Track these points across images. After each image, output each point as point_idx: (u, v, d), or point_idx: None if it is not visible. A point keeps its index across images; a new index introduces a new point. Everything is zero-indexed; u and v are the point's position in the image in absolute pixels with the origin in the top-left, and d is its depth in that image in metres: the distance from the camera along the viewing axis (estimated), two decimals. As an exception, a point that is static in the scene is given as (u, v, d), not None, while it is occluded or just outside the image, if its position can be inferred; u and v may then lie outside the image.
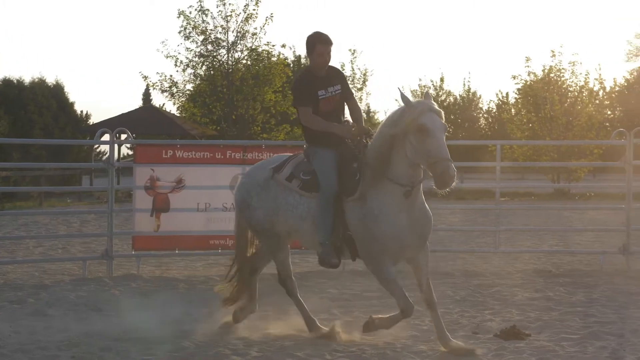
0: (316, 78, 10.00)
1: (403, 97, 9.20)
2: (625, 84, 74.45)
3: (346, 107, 10.24)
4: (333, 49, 10.00)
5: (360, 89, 62.86)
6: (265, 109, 44.65)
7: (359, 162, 9.61)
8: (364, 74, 62.45)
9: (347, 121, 10.02)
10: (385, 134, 9.33)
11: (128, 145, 39.72)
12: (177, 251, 16.13)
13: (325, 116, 9.92)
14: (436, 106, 9.11)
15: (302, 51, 77.10)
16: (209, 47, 44.31)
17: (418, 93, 69.04)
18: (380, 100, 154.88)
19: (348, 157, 9.74)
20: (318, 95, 9.94)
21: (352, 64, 61.44)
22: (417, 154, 9.01)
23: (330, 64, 10.10)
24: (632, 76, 75.51)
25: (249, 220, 10.55)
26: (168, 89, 45.50)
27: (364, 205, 9.43)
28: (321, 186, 9.69)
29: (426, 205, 9.59)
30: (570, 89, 46.11)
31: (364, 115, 9.86)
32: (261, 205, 10.30)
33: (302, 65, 69.15)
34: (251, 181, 10.50)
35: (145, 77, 46.20)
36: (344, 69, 61.78)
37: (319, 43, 9.98)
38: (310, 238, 10.03)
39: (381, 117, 73.29)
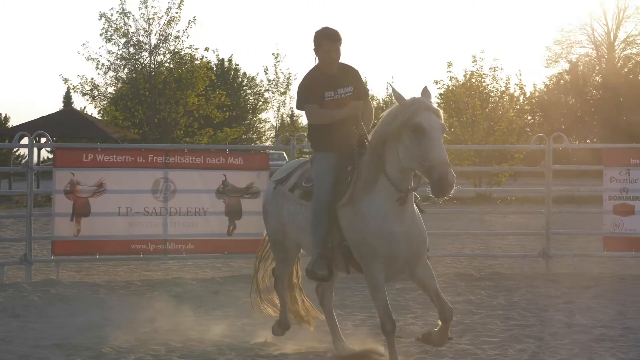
0: (325, 77, 9.09)
1: (396, 94, 8.34)
2: (545, 90, 75.68)
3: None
4: (342, 46, 9.11)
5: (284, 93, 62.98)
6: (188, 112, 44.46)
7: (353, 165, 8.78)
8: (288, 78, 62.59)
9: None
10: (378, 135, 8.50)
11: (48, 149, 39.24)
12: (97, 256, 15.92)
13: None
14: (434, 104, 8.29)
15: (225, 54, 77.13)
16: (131, 50, 44.04)
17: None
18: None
19: (345, 161, 8.95)
20: (325, 96, 9.03)
21: (276, 67, 61.50)
22: (412, 158, 8.14)
23: (341, 61, 9.18)
24: (552, 82, 76.81)
25: (266, 228, 10.19)
26: (89, 92, 45.10)
27: (353, 207, 8.62)
28: (314, 192, 9.01)
29: (419, 218, 8.78)
30: (492, 94, 46.67)
31: (288, 119, 9.65)
32: (274, 214, 9.82)
33: (225, 69, 69.10)
34: (269, 186, 10.15)
35: (66, 80, 45.78)
36: (267, 73, 61.85)
37: (325, 39, 9.03)
38: (310, 249, 9.33)
39: (304, 121, 73.46)
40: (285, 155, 43.61)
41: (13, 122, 60.34)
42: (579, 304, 12.88)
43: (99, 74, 44.94)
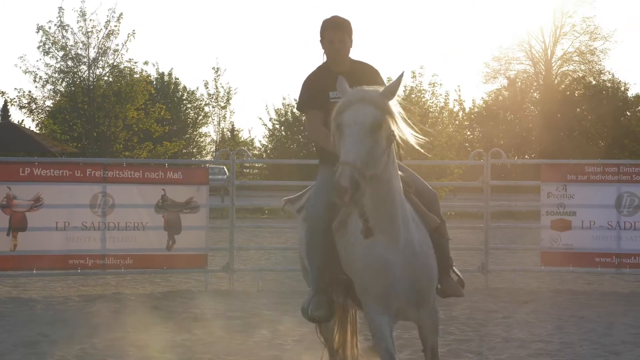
0: (332, 74, 7.27)
1: (340, 86, 6.72)
2: (484, 106, 76.45)
3: None
4: (351, 36, 7.60)
5: (224, 107, 62.89)
6: (127, 126, 44.16)
7: None
8: (228, 92, 62.55)
9: None
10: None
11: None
12: (34, 271, 15.72)
13: None
14: (376, 94, 6.49)
15: (165, 68, 76.74)
16: (69, 63, 43.60)
17: (282, 112, 69.36)
18: (244, 119, 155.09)
19: None
20: (329, 97, 7.45)
21: (216, 81, 61.47)
22: None
23: (356, 58, 7.75)
24: (490, 98, 77.62)
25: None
26: (27, 105, 44.61)
27: (345, 232, 7.08)
28: (307, 215, 7.63)
29: (423, 245, 7.01)
30: (431, 109, 46.92)
31: (229, 134, 8.82)
32: (299, 239, 8.39)
33: (165, 83, 68.80)
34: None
35: (3, 93, 45.18)
36: (207, 87, 61.69)
37: (327, 29, 7.54)
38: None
39: (245, 135, 73.49)
40: (225, 169, 43.58)
41: (-52, 136, 59.48)
42: (517, 318, 12.98)
43: (36, 87, 44.55)
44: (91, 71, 44.08)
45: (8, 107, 71.75)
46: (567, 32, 76.07)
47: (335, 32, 7.52)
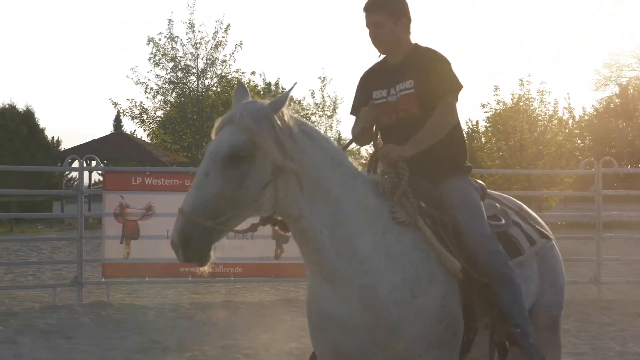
0: (386, 68, 5.91)
1: (236, 96, 5.16)
2: (594, 113, 75.19)
3: None
4: (394, 17, 5.80)
5: (331, 117, 63.08)
6: (236, 135, 44.56)
7: None
8: (334, 102, 62.74)
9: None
10: None
11: (99, 172, 39.55)
12: (147, 278, 15.98)
13: (386, 132, 5.90)
14: (251, 113, 4.87)
15: (271, 78, 77.33)
16: (179, 74, 44.24)
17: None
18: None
19: None
20: (373, 97, 5.87)
21: (322, 91, 61.70)
22: None
23: (419, 43, 5.94)
24: (601, 105, 76.31)
25: None
26: (138, 115, 45.36)
27: None
28: None
29: (394, 289, 5.12)
30: (540, 117, 46.25)
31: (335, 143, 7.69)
32: None
33: (272, 93, 69.26)
34: None
35: (116, 104, 46.07)
36: (313, 97, 61.98)
37: (363, 11, 5.87)
38: None
39: (354, 145, 73.53)
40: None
41: (65, 146, 60.91)
42: (632, 331, 12.71)
43: (147, 97, 45.29)
44: (200, 82, 44.65)
45: (121, 117, 73.30)
46: (681, 38, 74.46)
47: (369, 15, 5.82)
